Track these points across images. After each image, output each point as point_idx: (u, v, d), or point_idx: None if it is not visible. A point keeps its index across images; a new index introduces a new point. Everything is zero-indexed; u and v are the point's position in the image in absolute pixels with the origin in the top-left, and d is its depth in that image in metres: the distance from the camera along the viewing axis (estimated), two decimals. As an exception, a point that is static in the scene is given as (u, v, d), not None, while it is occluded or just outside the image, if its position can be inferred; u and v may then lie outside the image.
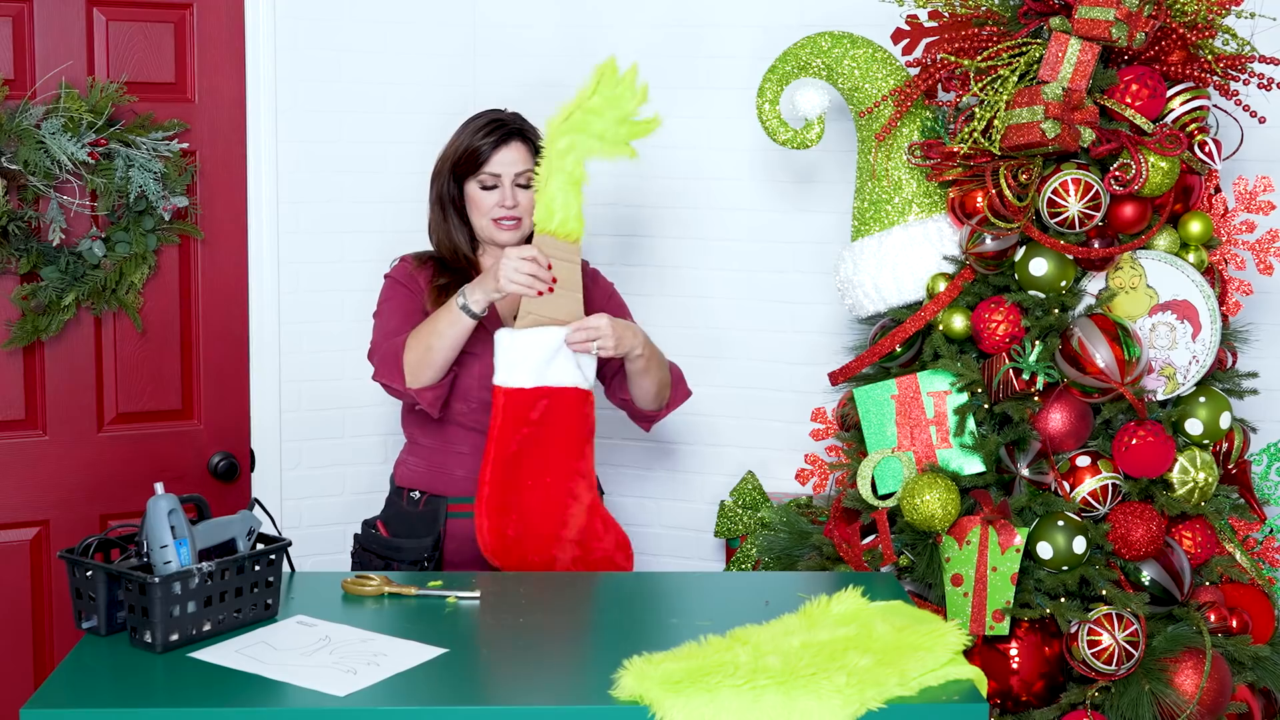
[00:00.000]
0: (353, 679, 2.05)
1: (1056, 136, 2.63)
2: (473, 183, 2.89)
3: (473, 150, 2.88)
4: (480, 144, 2.87)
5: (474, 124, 2.92)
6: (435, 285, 2.90)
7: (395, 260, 3.00)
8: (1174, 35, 2.73)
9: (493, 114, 2.95)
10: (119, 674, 2.11)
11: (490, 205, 2.88)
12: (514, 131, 2.90)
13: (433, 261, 2.96)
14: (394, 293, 2.93)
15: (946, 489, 2.74)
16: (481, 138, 2.88)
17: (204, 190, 3.19)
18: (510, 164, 2.88)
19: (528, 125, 2.94)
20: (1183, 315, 2.80)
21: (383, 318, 2.91)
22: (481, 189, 2.89)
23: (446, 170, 2.92)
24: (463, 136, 2.91)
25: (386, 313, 2.91)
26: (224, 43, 3.20)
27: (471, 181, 2.89)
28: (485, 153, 2.87)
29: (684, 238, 3.60)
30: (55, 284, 2.98)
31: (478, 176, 2.88)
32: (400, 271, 2.95)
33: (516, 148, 2.89)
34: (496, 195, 2.88)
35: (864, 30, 3.01)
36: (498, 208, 2.88)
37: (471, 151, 2.88)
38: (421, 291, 2.91)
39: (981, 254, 2.81)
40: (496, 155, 2.87)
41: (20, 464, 3.06)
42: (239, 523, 2.35)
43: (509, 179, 2.88)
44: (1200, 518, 2.84)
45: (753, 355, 3.58)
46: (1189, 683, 2.74)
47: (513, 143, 2.89)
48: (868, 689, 2.02)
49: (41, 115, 2.92)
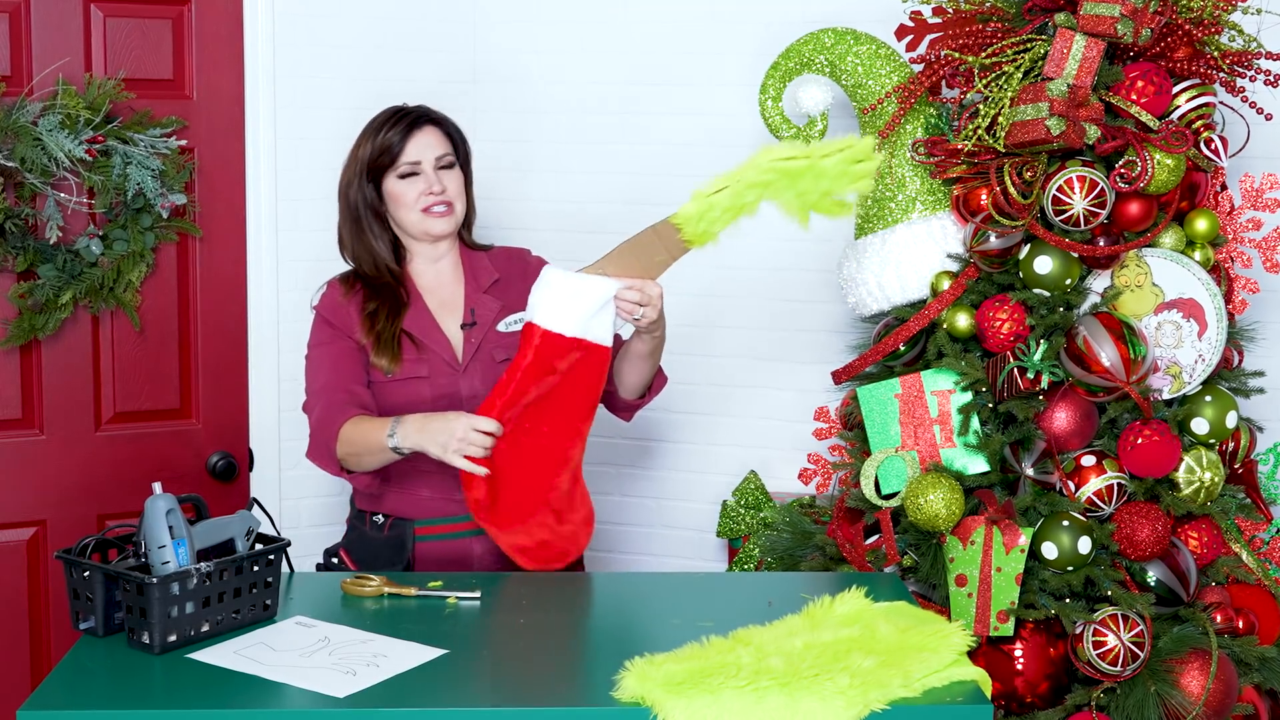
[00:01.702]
0: (352, 680, 2.04)
1: (1061, 133, 2.62)
2: (391, 177, 2.75)
3: (383, 146, 2.74)
4: (390, 137, 2.74)
5: (374, 123, 2.79)
6: (366, 313, 2.76)
7: (322, 287, 2.84)
8: (1180, 31, 2.72)
9: (393, 108, 2.81)
10: (117, 675, 2.10)
11: (415, 195, 2.74)
12: (420, 118, 2.78)
13: (359, 281, 2.81)
14: (321, 335, 2.78)
15: (950, 489, 2.73)
16: (389, 131, 2.75)
17: (202, 188, 3.18)
18: (428, 148, 2.76)
19: (434, 111, 2.82)
20: (1188, 313, 2.79)
21: (312, 368, 2.78)
22: (400, 178, 2.75)
23: (358, 175, 2.77)
24: (367, 138, 2.78)
25: (315, 362, 2.77)
26: (222, 39, 3.19)
27: (390, 176, 2.75)
28: (397, 144, 2.74)
29: (685, 236, 3.58)
30: (52, 282, 2.97)
31: (396, 169, 2.74)
32: (327, 305, 2.80)
33: (429, 131, 2.77)
34: (421, 183, 2.74)
35: (867, 26, 3.00)
36: (425, 196, 2.74)
37: (382, 148, 2.74)
38: (352, 327, 2.76)
39: (986, 252, 2.80)
40: (410, 143, 2.74)
41: (17, 463, 3.05)
42: (237, 523, 2.33)
43: (430, 163, 2.75)
44: (1206, 518, 2.84)
45: (755, 354, 3.57)
46: (1195, 684, 2.73)
47: (424, 128, 2.77)
48: (871, 690, 2.01)
49: (39, 112, 2.90)
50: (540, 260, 2.89)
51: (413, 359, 2.75)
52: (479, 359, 2.78)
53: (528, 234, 3.48)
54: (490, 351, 2.79)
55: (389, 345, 2.74)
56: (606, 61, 3.56)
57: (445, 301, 2.82)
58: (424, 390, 2.74)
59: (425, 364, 2.74)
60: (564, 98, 3.60)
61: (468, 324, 2.80)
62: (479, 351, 2.78)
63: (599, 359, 2.62)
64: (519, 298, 2.76)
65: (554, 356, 2.58)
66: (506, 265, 2.88)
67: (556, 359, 2.59)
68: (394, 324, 2.75)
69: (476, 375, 2.76)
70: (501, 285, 2.85)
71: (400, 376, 2.74)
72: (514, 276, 2.86)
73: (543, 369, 2.58)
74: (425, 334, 2.77)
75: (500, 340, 2.80)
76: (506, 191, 3.61)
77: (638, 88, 3.55)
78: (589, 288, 2.58)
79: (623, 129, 3.58)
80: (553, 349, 2.58)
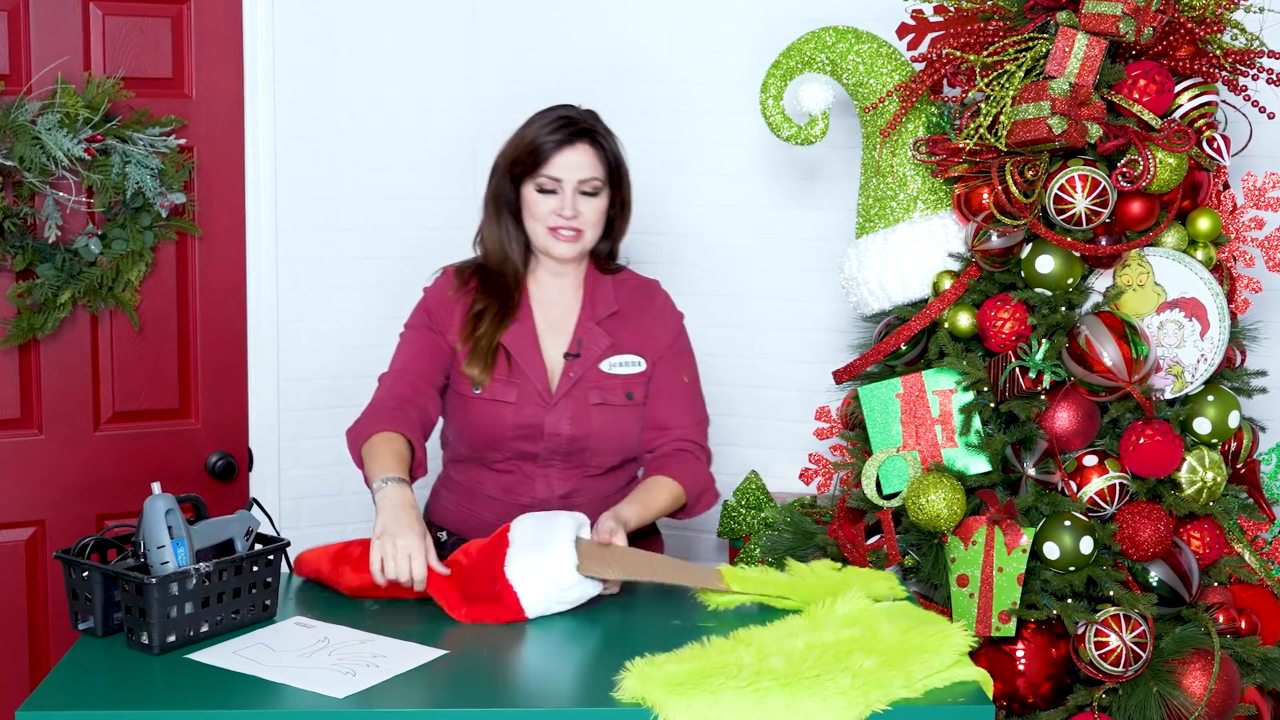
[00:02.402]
0: (352, 680, 2.04)
1: (1063, 132, 2.61)
2: (530, 185, 2.61)
3: (534, 147, 2.58)
4: (544, 140, 2.58)
5: (541, 119, 2.62)
6: (472, 313, 2.65)
7: (437, 272, 2.74)
8: (1182, 30, 2.71)
9: (563, 109, 2.64)
10: (116, 676, 2.09)
11: (546, 211, 2.60)
12: (584, 131, 2.61)
13: (477, 277, 2.69)
14: (417, 319, 2.70)
15: (952, 489, 2.73)
16: (547, 133, 2.58)
17: (201, 187, 3.17)
18: (575, 167, 2.59)
19: (601, 126, 2.65)
20: (1191, 313, 2.79)
21: (399, 347, 2.71)
22: (538, 192, 2.60)
23: (503, 167, 2.64)
24: (526, 131, 2.62)
25: (404, 341, 2.70)
26: (221, 38, 3.18)
27: (529, 183, 2.61)
28: (547, 151, 2.58)
29: (687, 234, 3.58)
30: (51, 281, 2.96)
31: (536, 178, 2.59)
32: (435, 294, 2.70)
33: (584, 149, 2.60)
34: (555, 202, 2.59)
35: (869, 25, 3.00)
36: (555, 215, 2.60)
37: (533, 148, 2.58)
38: (449, 326, 2.66)
39: (987, 251, 2.79)
40: (560, 156, 2.58)
41: (16, 463, 3.04)
42: (237, 523, 2.33)
43: (571, 184, 2.59)
44: (1209, 518, 2.83)
45: (756, 353, 3.56)
46: (1197, 684, 2.73)
47: (580, 144, 2.60)
48: (872, 691, 2.00)
49: (37, 111, 2.89)
50: (668, 301, 2.76)
51: (502, 379, 2.63)
52: (572, 396, 2.65)
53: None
54: (586, 391, 2.66)
55: (483, 355, 2.63)
56: (604, 62, 3.55)
57: (554, 322, 2.70)
58: (506, 416, 2.63)
59: (514, 388, 2.63)
60: (563, 99, 3.59)
61: (571, 354, 2.67)
62: (575, 387, 2.66)
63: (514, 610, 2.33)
64: (631, 337, 2.69)
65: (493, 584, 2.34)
66: (629, 299, 2.75)
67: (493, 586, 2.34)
68: (495, 333, 2.64)
69: (565, 413, 2.64)
70: (618, 319, 2.72)
71: (486, 396, 2.63)
72: (633, 313, 2.73)
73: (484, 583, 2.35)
74: (523, 354, 2.65)
75: (599, 380, 2.67)
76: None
77: (637, 87, 3.54)
78: (575, 584, 2.33)
79: (622, 128, 3.57)
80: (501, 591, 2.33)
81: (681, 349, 2.77)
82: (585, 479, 2.70)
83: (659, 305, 2.77)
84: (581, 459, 2.68)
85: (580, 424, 2.64)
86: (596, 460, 2.69)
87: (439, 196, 3.55)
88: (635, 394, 2.70)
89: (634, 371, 2.71)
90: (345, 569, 2.39)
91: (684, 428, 2.72)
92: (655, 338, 2.73)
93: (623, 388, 2.69)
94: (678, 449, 2.71)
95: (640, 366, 2.71)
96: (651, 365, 2.72)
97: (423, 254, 3.52)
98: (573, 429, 2.64)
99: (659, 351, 2.73)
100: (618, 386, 2.68)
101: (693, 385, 2.77)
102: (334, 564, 2.41)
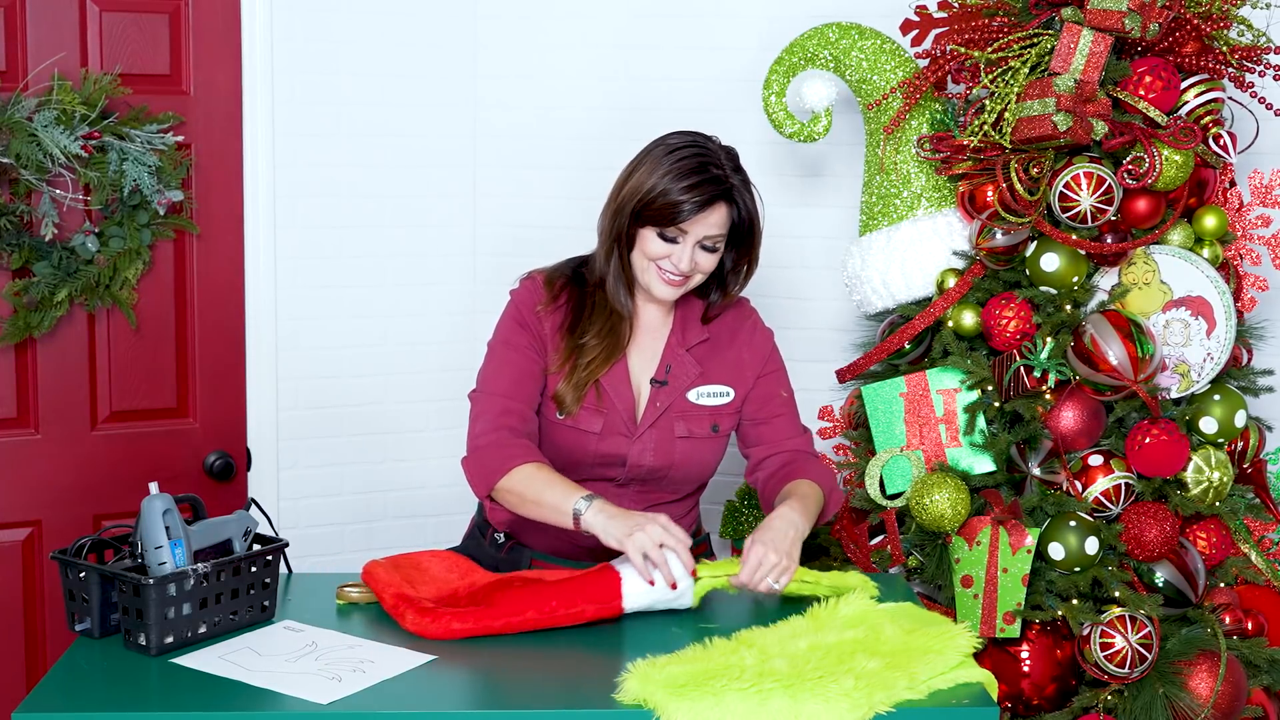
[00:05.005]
0: (337, 686, 2.01)
1: (1068, 129, 2.60)
2: (651, 229, 2.45)
3: (672, 205, 2.41)
4: (682, 200, 2.40)
5: (678, 166, 2.42)
6: (574, 342, 2.50)
7: (523, 276, 2.57)
8: (1188, 26, 2.70)
9: (703, 158, 2.44)
10: (113, 677, 2.08)
11: (657, 252, 2.45)
12: (724, 194, 2.44)
13: (567, 291, 2.54)
14: (511, 334, 2.52)
15: (956, 489, 2.71)
16: (685, 191, 2.40)
17: (199, 184, 3.15)
18: (707, 227, 2.44)
19: (739, 179, 2.48)
20: (1197, 311, 2.78)
21: (493, 365, 2.51)
22: (659, 236, 2.45)
23: (630, 209, 2.45)
24: (660, 179, 2.42)
25: (499, 361, 2.51)
26: (219, 34, 3.16)
27: (651, 227, 2.45)
28: (686, 214, 2.41)
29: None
30: (48, 280, 2.95)
31: (659, 226, 2.44)
32: (526, 304, 2.53)
33: (720, 210, 2.44)
34: (672, 249, 2.45)
35: (872, 21, 2.99)
36: (665, 260, 2.45)
37: (669, 208, 2.41)
38: (548, 335, 2.51)
39: (992, 249, 2.78)
40: (694, 221, 2.42)
41: (12, 463, 3.03)
42: (235, 523, 2.31)
43: (695, 239, 2.44)
44: (1215, 518, 2.82)
45: (757, 352, 3.54)
46: (1203, 686, 2.72)
47: (717, 206, 2.43)
48: (876, 692, 1.99)
49: (34, 108, 2.88)
50: (758, 321, 2.66)
51: (591, 408, 2.52)
52: (658, 427, 2.55)
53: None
54: (672, 422, 2.56)
55: (579, 389, 2.50)
56: (605, 60, 3.54)
57: (643, 347, 2.58)
58: (589, 445, 2.52)
59: (601, 418, 2.51)
60: (564, 96, 3.58)
61: (658, 381, 2.56)
62: (661, 418, 2.55)
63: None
64: (720, 367, 2.59)
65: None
66: (720, 326, 2.63)
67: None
68: (597, 372, 2.51)
69: (649, 444, 2.55)
70: (708, 347, 2.61)
71: (569, 423, 2.52)
72: (724, 340, 2.62)
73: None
74: (614, 383, 2.53)
75: (687, 410, 2.57)
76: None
77: (638, 83, 3.53)
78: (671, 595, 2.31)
79: (624, 126, 3.55)
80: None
81: (776, 366, 2.66)
82: (659, 501, 2.63)
83: (748, 328, 2.65)
84: (659, 485, 2.61)
85: (663, 455, 2.56)
86: (674, 487, 2.63)
87: (438, 194, 3.53)
88: (721, 426, 2.61)
89: (722, 403, 2.61)
90: (409, 613, 2.26)
91: (791, 439, 2.64)
92: (746, 365, 2.63)
93: (710, 419, 2.59)
94: (794, 457, 2.62)
95: (728, 397, 2.61)
96: (743, 394, 2.62)
97: (422, 251, 3.52)
98: (655, 460, 2.56)
99: (753, 376, 2.63)
100: (705, 417, 2.59)
101: (790, 399, 2.68)
102: (395, 603, 2.28)
